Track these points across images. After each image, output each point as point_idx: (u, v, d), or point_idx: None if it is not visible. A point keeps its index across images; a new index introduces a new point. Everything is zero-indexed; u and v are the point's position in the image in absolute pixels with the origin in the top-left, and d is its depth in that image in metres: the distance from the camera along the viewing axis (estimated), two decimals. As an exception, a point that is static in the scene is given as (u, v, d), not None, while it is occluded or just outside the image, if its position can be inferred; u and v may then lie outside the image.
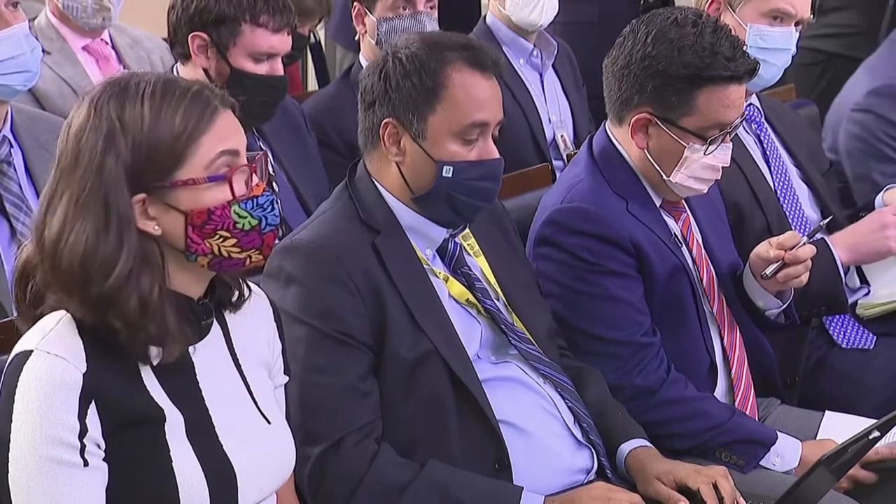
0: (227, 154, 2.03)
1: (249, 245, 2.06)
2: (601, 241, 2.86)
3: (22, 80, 3.26)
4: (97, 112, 2.00)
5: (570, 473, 2.65)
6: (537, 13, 4.45)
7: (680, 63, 2.84)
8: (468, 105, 2.56)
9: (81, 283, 1.97)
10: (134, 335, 1.99)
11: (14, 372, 1.97)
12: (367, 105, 2.63)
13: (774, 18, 3.49)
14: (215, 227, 2.02)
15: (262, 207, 2.05)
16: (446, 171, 2.56)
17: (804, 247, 2.93)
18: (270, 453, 2.16)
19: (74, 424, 1.95)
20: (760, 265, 2.96)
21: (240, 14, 3.43)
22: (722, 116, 2.86)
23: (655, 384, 2.86)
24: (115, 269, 1.97)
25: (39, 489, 1.94)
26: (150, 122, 1.99)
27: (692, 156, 2.87)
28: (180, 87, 2.03)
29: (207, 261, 2.05)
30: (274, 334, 2.29)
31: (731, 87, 2.85)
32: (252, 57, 3.46)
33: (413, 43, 2.61)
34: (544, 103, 4.47)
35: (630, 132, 2.92)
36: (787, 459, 2.85)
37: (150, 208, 2.01)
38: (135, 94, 2.01)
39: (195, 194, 2.01)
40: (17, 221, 3.23)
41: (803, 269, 2.94)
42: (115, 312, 1.98)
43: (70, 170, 2.00)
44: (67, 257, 1.98)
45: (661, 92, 2.86)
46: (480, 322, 2.67)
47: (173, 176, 2.00)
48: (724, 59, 2.84)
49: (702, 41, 2.85)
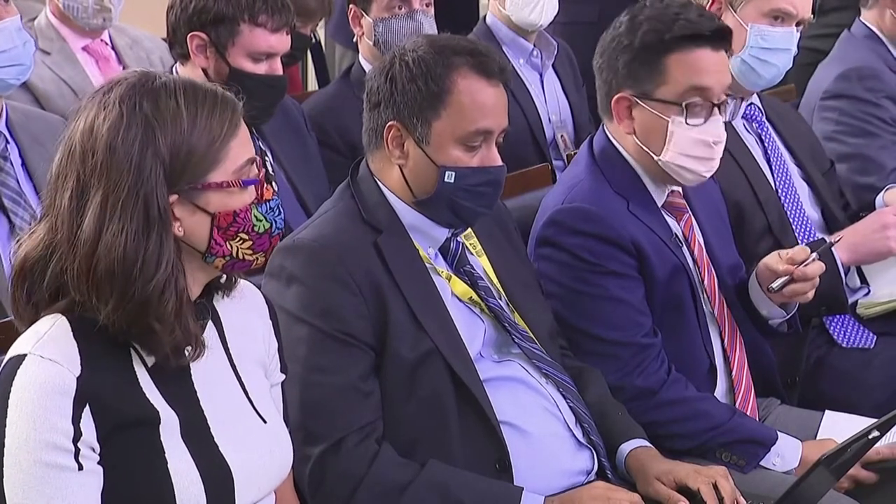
0: (248, 161, 2.05)
1: (260, 248, 2.08)
2: (602, 242, 2.85)
3: (15, 73, 3.26)
4: (130, 110, 1.99)
5: (570, 475, 2.65)
6: (537, 13, 4.46)
7: (643, 32, 2.87)
8: (473, 112, 2.56)
9: (122, 285, 1.96)
10: (166, 337, 1.99)
11: (8, 377, 1.96)
12: (372, 105, 2.63)
13: (775, 18, 3.49)
14: (238, 229, 2.04)
15: (273, 211, 2.08)
16: (448, 177, 2.57)
17: (813, 264, 2.92)
18: (267, 453, 2.16)
19: (68, 429, 1.94)
20: (768, 276, 2.95)
21: (238, 14, 3.43)
22: (696, 80, 2.85)
23: (656, 385, 2.85)
24: (160, 270, 1.97)
25: (34, 493, 1.93)
26: (188, 123, 2.00)
27: (677, 129, 2.86)
28: (206, 91, 2.05)
29: (224, 262, 2.07)
30: (270, 332, 2.28)
31: (699, 50, 2.86)
32: (251, 57, 3.46)
33: (420, 46, 2.61)
34: (544, 103, 4.48)
35: (617, 120, 2.93)
36: (788, 459, 2.85)
37: (177, 209, 2.01)
38: (166, 95, 2.01)
39: (225, 197, 2.03)
40: (16, 216, 3.23)
41: (810, 286, 2.93)
42: (155, 314, 1.98)
43: (102, 169, 1.98)
44: (106, 259, 1.96)
45: (631, 67, 2.88)
46: (484, 320, 2.67)
47: (207, 178, 2.01)
48: (685, 21, 2.86)
49: (667, 12, 2.88)
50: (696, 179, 2.93)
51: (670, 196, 3.01)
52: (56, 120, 3.53)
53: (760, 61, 3.47)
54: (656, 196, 2.98)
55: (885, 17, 3.94)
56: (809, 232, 3.54)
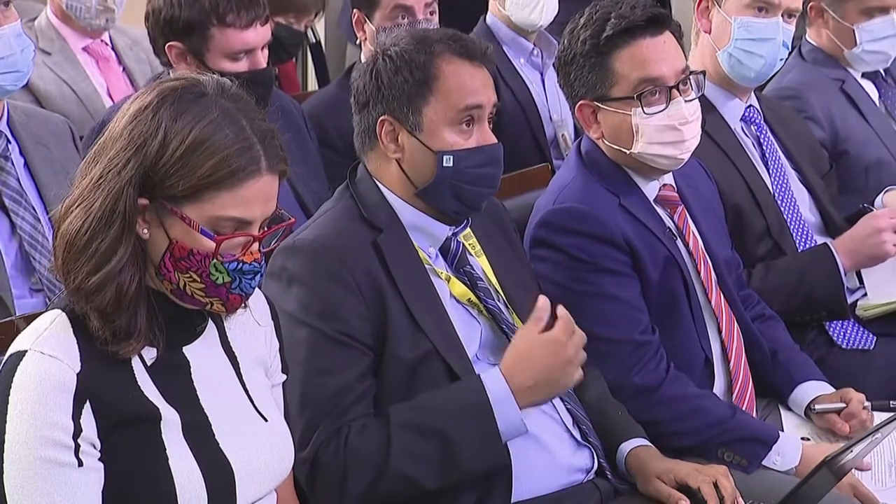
0: (235, 220, 2.02)
1: (214, 295, 2.06)
2: (595, 240, 2.86)
3: (12, 79, 3.27)
4: (155, 109, 2.00)
5: (569, 472, 2.64)
6: (537, 13, 4.46)
7: (580, 42, 2.89)
8: (460, 91, 2.57)
9: (68, 266, 1.98)
10: (105, 327, 1.99)
11: (8, 373, 1.97)
12: (360, 106, 2.64)
13: (759, 10, 3.50)
14: (189, 266, 2.02)
15: (242, 273, 2.05)
16: (447, 161, 2.57)
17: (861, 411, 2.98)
18: (268, 451, 2.16)
19: (68, 425, 1.95)
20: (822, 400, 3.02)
21: (205, 18, 3.43)
22: (643, 72, 2.86)
23: (655, 382, 2.85)
24: (108, 264, 1.97)
25: (34, 490, 1.94)
26: (185, 149, 1.98)
27: (641, 121, 2.87)
28: (237, 128, 2.01)
29: (171, 288, 2.05)
30: (271, 332, 2.29)
31: (639, 42, 2.87)
32: (228, 57, 3.46)
33: (401, 39, 2.62)
34: (545, 102, 4.48)
35: (585, 126, 2.95)
36: (788, 458, 2.84)
37: (148, 215, 2.01)
38: (193, 114, 2.00)
39: (187, 231, 2.01)
40: (16, 216, 3.23)
41: (844, 427, 2.99)
42: (94, 304, 1.98)
43: (108, 147, 2.00)
44: (65, 231, 1.99)
45: (582, 76, 2.90)
46: (481, 322, 2.66)
47: (179, 205, 2.00)
48: (616, 18, 2.87)
49: (597, 14, 2.90)
50: (673, 164, 2.94)
51: (663, 189, 3.01)
52: (57, 119, 3.54)
53: (747, 53, 3.48)
54: (648, 190, 2.98)
55: (822, 36, 3.95)
56: (807, 235, 3.54)
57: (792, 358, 3.13)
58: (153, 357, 2.06)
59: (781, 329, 3.21)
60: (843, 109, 3.88)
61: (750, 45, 3.46)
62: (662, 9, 2.97)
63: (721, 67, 3.51)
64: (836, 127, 3.83)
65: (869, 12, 3.86)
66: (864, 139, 3.86)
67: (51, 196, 3.23)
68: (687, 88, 2.91)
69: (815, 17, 3.94)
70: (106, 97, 4.35)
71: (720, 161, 3.44)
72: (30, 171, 3.30)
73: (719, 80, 3.53)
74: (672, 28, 2.92)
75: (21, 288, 3.20)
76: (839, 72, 3.93)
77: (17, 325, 2.09)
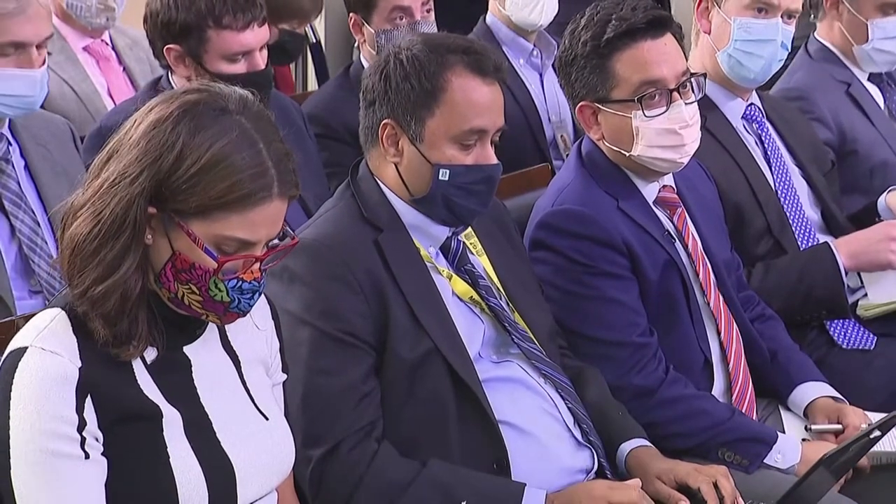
0: (240, 241, 2.02)
1: (211, 309, 2.06)
2: (594, 243, 2.86)
3: (20, 112, 3.26)
4: (175, 121, 1.99)
5: (569, 473, 2.64)
6: (537, 13, 4.47)
7: (581, 43, 2.88)
8: (466, 111, 2.56)
9: (74, 270, 1.98)
10: (107, 330, 1.99)
11: (9, 369, 1.97)
12: (367, 104, 2.63)
13: (759, 11, 3.50)
14: (190, 279, 2.03)
15: (241, 291, 2.05)
16: (442, 175, 2.57)
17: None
18: (269, 450, 2.16)
19: (73, 417, 1.95)
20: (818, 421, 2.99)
21: (201, 21, 3.43)
22: (644, 75, 2.86)
23: (654, 384, 2.85)
24: (117, 273, 1.98)
25: (44, 484, 1.94)
26: (199, 167, 1.98)
27: (641, 124, 2.87)
28: (254, 151, 2.01)
29: (168, 297, 2.06)
30: (272, 331, 2.29)
31: (640, 44, 2.87)
32: (226, 59, 3.47)
33: (415, 44, 2.61)
34: (544, 103, 4.48)
35: (586, 127, 2.95)
36: (789, 457, 2.84)
37: (154, 222, 2.01)
38: (212, 132, 1.99)
39: (191, 247, 2.01)
40: (16, 219, 3.22)
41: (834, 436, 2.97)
42: (99, 311, 1.98)
43: (123, 152, 2.00)
44: (73, 234, 1.99)
45: (583, 77, 2.90)
46: (483, 320, 2.67)
47: (187, 220, 2.00)
48: (618, 20, 2.86)
49: (598, 15, 2.90)
50: (672, 167, 2.95)
51: (662, 191, 3.01)
52: (58, 120, 3.53)
53: (746, 54, 3.48)
54: (648, 192, 2.98)
55: (833, 29, 3.94)
56: (809, 233, 3.54)
57: (791, 359, 3.12)
58: (154, 356, 2.06)
59: (781, 329, 3.21)
60: (849, 112, 3.88)
61: (749, 46, 3.46)
62: (663, 10, 2.97)
63: (721, 68, 3.51)
64: (843, 128, 3.83)
65: (885, 9, 3.86)
66: (869, 141, 3.86)
67: (51, 197, 3.23)
68: (687, 91, 2.91)
69: (829, 9, 3.93)
70: (106, 97, 4.35)
71: (722, 159, 3.44)
72: (30, 173, 3.29)
73: (720, 80, 3.52)
74: (673, 30, 2.92)
75: (20, 290, 3.19)
76: (846, 73, 3.93)
77: (17, 325, 2.08)
